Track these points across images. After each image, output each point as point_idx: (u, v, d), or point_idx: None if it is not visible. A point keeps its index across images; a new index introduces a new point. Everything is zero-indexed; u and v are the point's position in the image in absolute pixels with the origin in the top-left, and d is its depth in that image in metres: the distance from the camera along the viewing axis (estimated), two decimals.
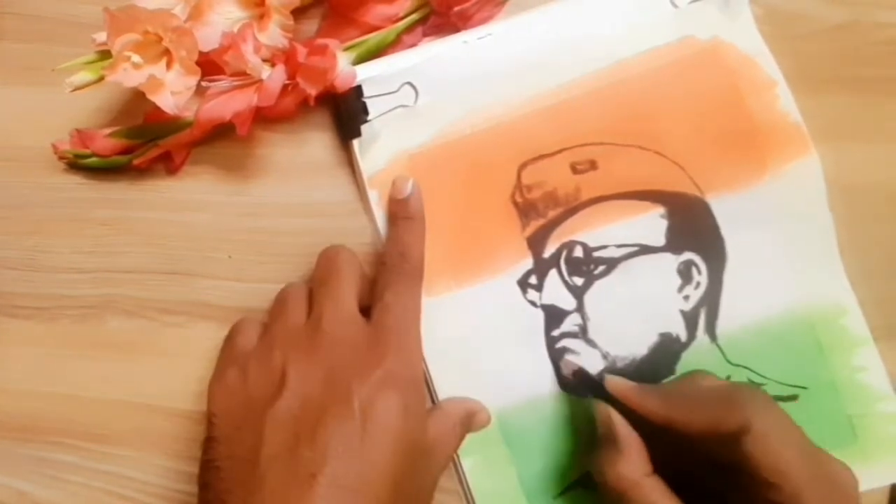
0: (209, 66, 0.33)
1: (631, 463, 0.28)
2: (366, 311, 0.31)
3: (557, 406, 0.34)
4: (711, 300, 0.34)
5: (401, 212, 0.34)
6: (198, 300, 0.36)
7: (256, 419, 0.28)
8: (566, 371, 0.33)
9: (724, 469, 0.28)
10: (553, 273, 0.35)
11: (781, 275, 0.34)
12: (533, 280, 0.34)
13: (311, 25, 0.37)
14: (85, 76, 0.34)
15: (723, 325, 0.34)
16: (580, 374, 0.33)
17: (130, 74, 0.33)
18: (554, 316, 0.34)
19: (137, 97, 0.34)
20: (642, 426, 0.30)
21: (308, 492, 0.26)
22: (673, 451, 0.29)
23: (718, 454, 0.28)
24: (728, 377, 0.34)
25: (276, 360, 0.30)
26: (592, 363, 0.34)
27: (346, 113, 0.35)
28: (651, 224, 0.35)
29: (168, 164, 0.36)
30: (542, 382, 0.34)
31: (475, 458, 0.34)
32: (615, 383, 0.31)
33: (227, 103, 0.33)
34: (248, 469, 0.27)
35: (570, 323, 0.34)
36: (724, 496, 0.28)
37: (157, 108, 0.33)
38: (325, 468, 0.26)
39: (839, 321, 0.34)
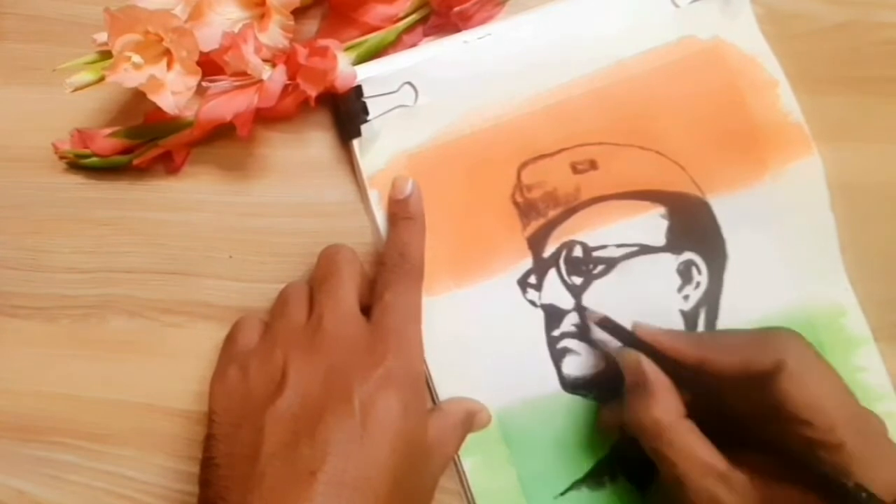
0: (210, 66, 0.33)
1: (664, 406, 0.28)
2: (366, 310, 0.32)
3: (558, 406, 0.34)
4: (711, 300, 0.34)
5: (401, 212, 0.34)
6: (198, 300, 0.35)
7: (257, 417, 0.28)
8: (592, 321, 0.33)
9: (757, 409, 0.28)
10: (552, 273, 0.35)
11: (782, 275, 0.34)
12: (532, 280, 0.34)
13: (311, 25, 0.37)
14: (85, 76, 0.34)
15: (723, 324, 0.34)
16: (606, 322, 0.32)
17: (131, 75, 0.33)
18: (553, 315, 0.34)
19: (138, 97, 0.34)
20: (671, 373, 0.29)
21: (307, 489, 0.26)
22: (702, 396, 0.29)
23: (751, 394, 0.28)
24: None
25: (276, 358, 0.30)
26: (592, 363, 0.34)
27: (346, 113, 0.35)
28: (651, 224, 0.35)
29: (168, 164, 0.36)
30: (542, 382, 0.34)
31: (475, 458, 0.34)
32: (645, 328, 0.31)
33: (228, 104, 0.33)
34: (248, 467, 0.27)
35: (569, 322, 0.34)
36: (755, 438, 0.28)
37: (158, 108, 0.33)
38: (324, 466, 0.26)
39: (839, 321, 0.34)
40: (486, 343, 0.34)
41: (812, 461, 0.26)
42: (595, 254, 0.35)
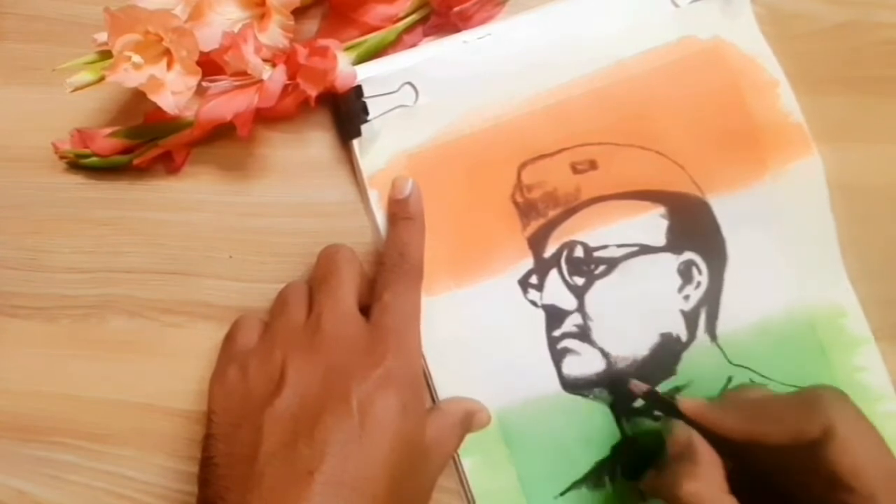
0: (210, 66, 0.33)
1: (711, 481, 0.28)
2: (365, 310, 0.32)
3: (558, 406, 0.34)
4: (712, 300, 0.34)
5: (400, 212, 0.34)
6: (198, 300, 0.35)
7: (255, 417, 0.28)
8: (637, 392, 0.33)
9: (796, 473, 0.27)
10: (554, 273, 0.35)
11: (782, 275, 0.34)
12: (534, 280, 0.34)
13: (311, 25, 0.37)
14: (85, 76, 0.34)
15: (723, 325, 0.34)
16: (651, 394, 0.32)
17: (131, 74, 0.33)
18: (555, 316, 0.34)
19: (138, 97, 0.34)
20: (715, 443, 0.29)
21: (306, 489, 0.26)
22: (743, 462, 0.29)
23: (793, 459, 0.27)
24: (729, 378, 0.34)
25: (276, 358, 0.30)
26: (593, 363, 0.34)
27: (346, 113, 0.35)
28: (651, 224, 0.35)
29: (168, 164, 0.36)
30: (543, 382, 0.34)
31: (475, 457, 0.34)
32: (690, 404, 0.30)
33: (228, 103, 0.33)
34: (247, 466, 0.27)
35: (571, 323, 0.34)
36: (789, 500, 0.28)
37: (158, 108, 0.33)
38: (322, 465, 0.26)
39: (840, 321, 0.34)
40: (486, 343, 0.34)
41: None
42: (596, 254, 0.35)
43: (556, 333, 0.34)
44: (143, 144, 0.36)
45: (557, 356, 0.34)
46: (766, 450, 0.28)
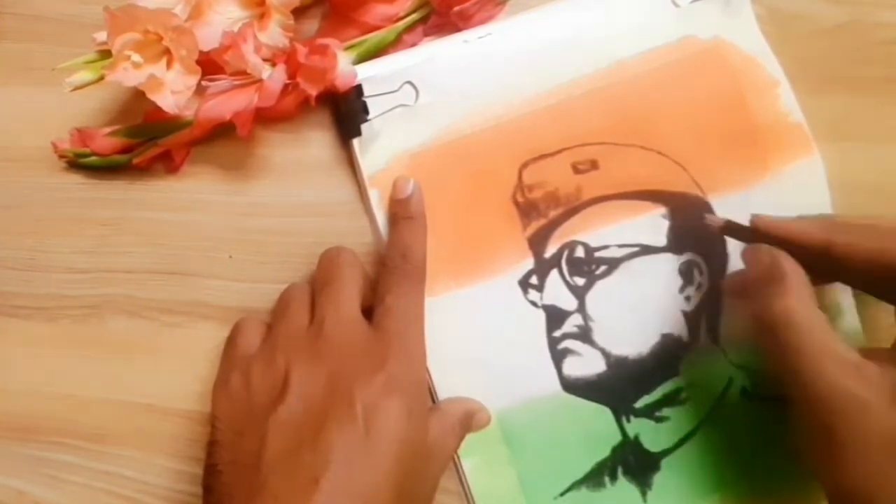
0: (209, 65, 0.33)
1: (801, 295, 0.27)
2: (368, 311, 0.31)
3: (558, 406, 0.34)
4: (713, 301, 0.34)
5: (402, 212, 0.34)
6: (198, 300, 0.35)
7: (259, 424, 0.28)
8: (714, 226, 0.32)
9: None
10: (554, 273, 0.35)
11: None
12: (534, 280, 0.34)
13: (311, 25, 0.37)
14: (85, 76, 0.34)
15: (725, 326, 0.34)
16: (729, 225, 0.32)
17: (130, 74, 0.33)
18: (555, 316, 0.34)
19: (137, 96, 0.34)
20: (803, 264, 0.29)
21: (310, 497, 0.25)
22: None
23: (877, 286, 0.27)
24: (730, 379, 0.34)
25: (279, 364, 0.29)
26: (593, 364, 0.34)
27: (346, 112, 0.35)
28: (652, 224, 0.35)
29: (168, 164, 0.36)
30: (543, 383, 0.34)
31: (475, 458, 0.34)
32: (765, 219, 0.30)
33: (228, 103, 0.33)
34: (250, 474, 0.27)
35: (572, 324, 0.34)
36: None
37: (157, 108, 0.33)
38: (326, 473, 0.26)
39: (836, 321, 0.34)
40: (487, 343, 0.34)
41: None
42: (597, 254, 0.35)
43: (557, 334, 0.34)
44: (142, 144, 0.36)
45: (558, 357, 0.34)
46: (854, 276, 0.28)
